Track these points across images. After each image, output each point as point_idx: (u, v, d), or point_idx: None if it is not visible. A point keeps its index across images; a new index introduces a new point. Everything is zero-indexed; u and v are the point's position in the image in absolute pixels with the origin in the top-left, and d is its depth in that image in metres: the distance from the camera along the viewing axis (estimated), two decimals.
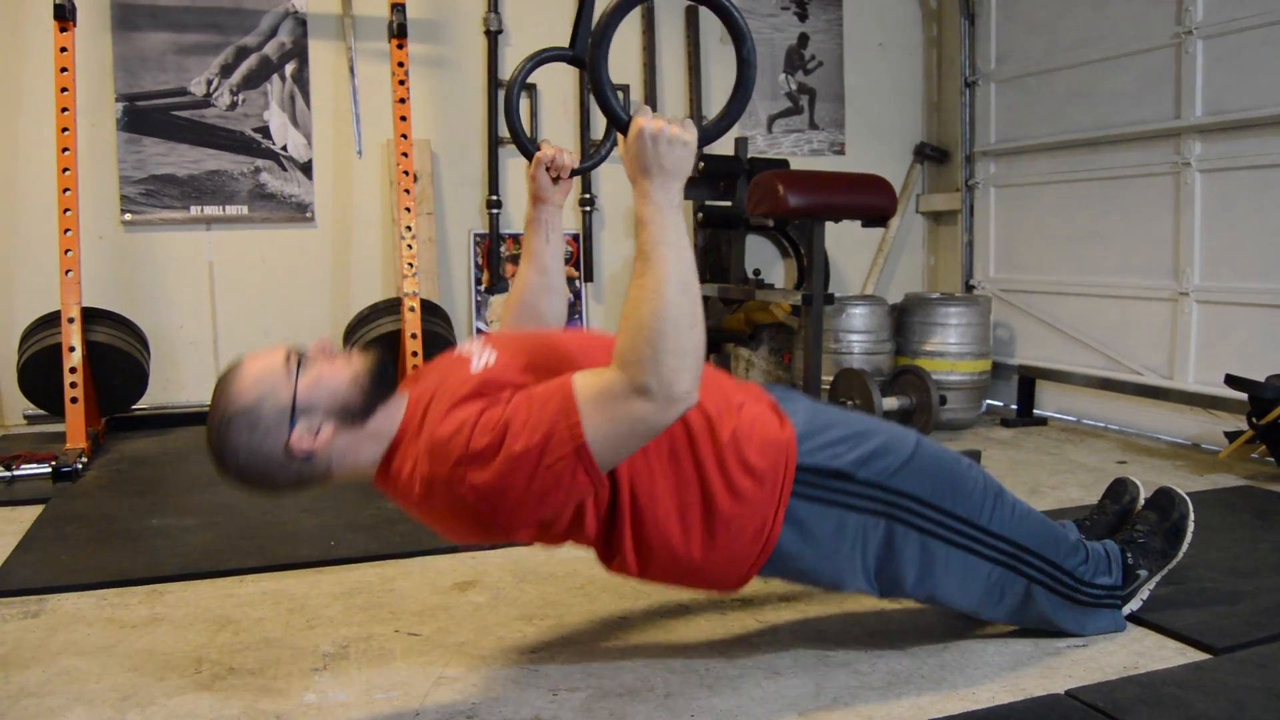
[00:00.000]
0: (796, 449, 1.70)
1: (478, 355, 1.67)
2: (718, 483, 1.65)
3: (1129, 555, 2.00)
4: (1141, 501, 2.17)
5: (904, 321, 4.45)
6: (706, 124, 1.57)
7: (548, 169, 1.97)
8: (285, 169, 4.60)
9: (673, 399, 1.44)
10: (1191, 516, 2.03)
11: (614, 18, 1.48)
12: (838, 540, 1.73)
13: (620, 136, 1.52)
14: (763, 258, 5.26)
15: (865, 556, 1.76)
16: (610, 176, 4.96)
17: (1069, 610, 1.93)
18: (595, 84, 1.51)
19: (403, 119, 4.25)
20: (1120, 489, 2.22)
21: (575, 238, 4.99)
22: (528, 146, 2.02)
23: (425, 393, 1.62)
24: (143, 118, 4.40)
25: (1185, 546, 2.02)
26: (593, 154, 2.11)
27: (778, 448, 1.69)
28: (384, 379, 1.61)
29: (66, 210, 3.76)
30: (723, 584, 1.77)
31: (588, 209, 4.97)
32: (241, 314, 4.58)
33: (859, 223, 4.23)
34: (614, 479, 1.59)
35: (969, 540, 1.80)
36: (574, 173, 1.99)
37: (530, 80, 4.99)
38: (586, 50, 1.57)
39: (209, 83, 4.48)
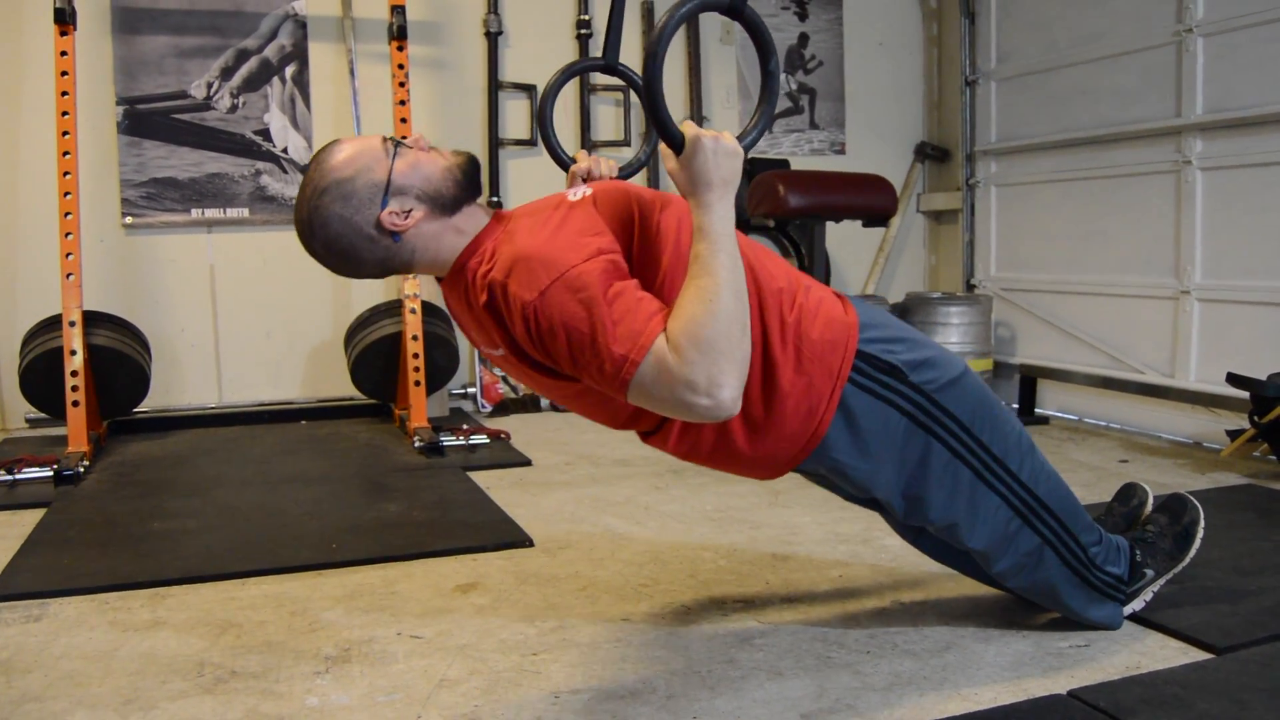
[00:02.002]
0: (859, 334, 1.73)
1: (573, 192, 1.69)
2: (781, 354, 1.67)
3: (1138, 553, 2.00)
4: (1150, 506, 2.18)
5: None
6: (744, 135, 1.60)
7: (584, 180, 1.96)
8: (286, 171, 4.60)
9: (716, 402, 1.44)
10: (1202, 523, 2.04)
11: (668, 31, 1.49)
12: (881, 438, 1.75)
13: (664, 149, 1.53)
14: None
15: (902, 465, 1.77)
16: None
17: (1076, 587, 1.93)
18: (650, 99, 1.52)
19: (403, 121, 4.25)
20: (1129, 493, 2.22)
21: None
22: (564, 159, 2.04)
23: (516, 212, 1.67)
24: (143, 121, 4.40)
25: (1193, 551, 2.02)
26: (630, 163, 2.11)
27: (841, 328, 1.72)
28: (475, 178, 1.64)
29: (67, 214, 3.76)
30: (768, 466, 1.78)
31: None
32: (243, 317, 4.59)
33: (860, 222, 4.24)
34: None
35: (997, 480, 1.81)
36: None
37: (529, 82, 5.02)
38: (630, 61, 1.58)
39: (209, 86, 4.48)
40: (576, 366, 1.51)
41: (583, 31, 4.89)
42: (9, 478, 3.33)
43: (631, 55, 5.03)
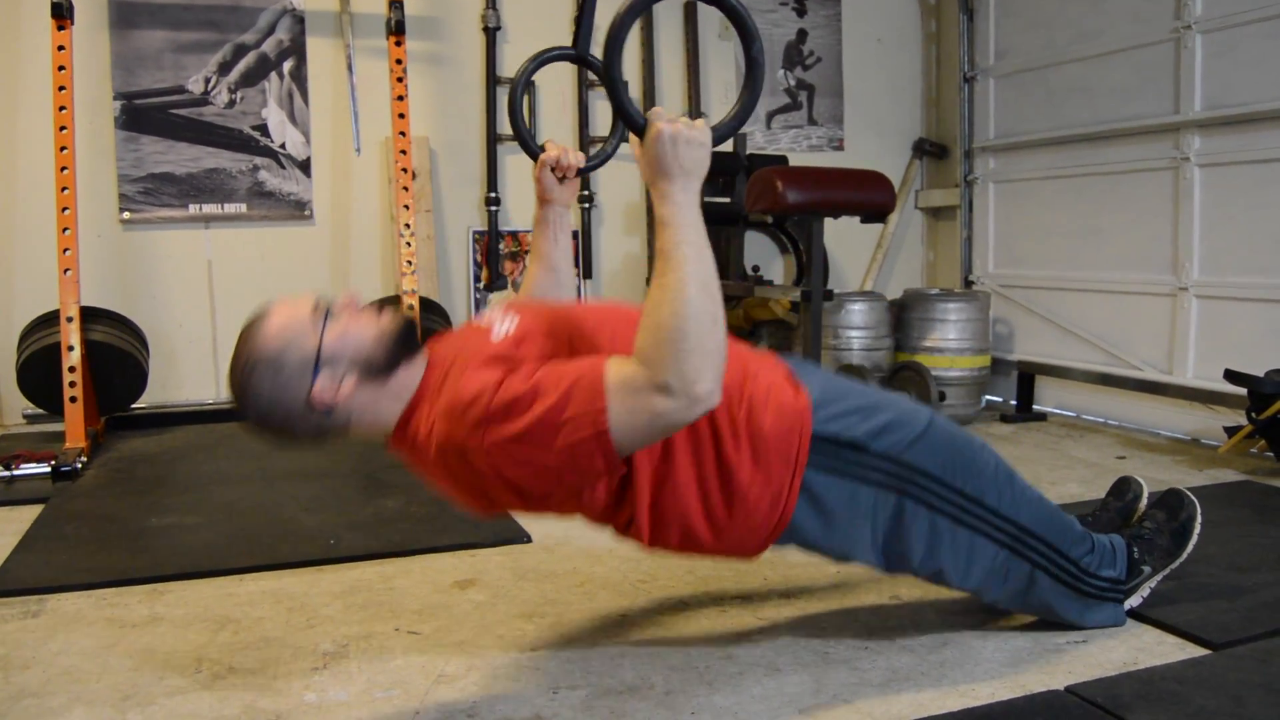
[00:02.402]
0: (811, 417, 1.71)
1: (499, 323, 1.67)
2: (734, 454, 1.65)
3: (1135, 550, 2.00)
4: (1145, 499, 2.18)
5: (903, 317, 4.45)
6: (718, 124, 1.56)
7: (553, 169, 1.96)
8: (284, 167, 4.59)
9: (694, 399, 1.43)
10: (1199, 518, 2.04)
11: (628, 18, 1.47)
12: (850, 512, 1.74)
13: (634, 138, 1.52)
14: (762, 254, 5.25)
15: (875, 529, 1.76)
16: (610, 173, 4.94)
17: (1071, 600, 1.93)
18: (610, 86, 1.51)
19: (401, 116, 4.25)
20: (1124, 486, 2.23)
21: (574, 234, 4.99)
22: (533, 147, 2.01)
23: (446, 356, 1.62)
24: (141, 116, 4.40)
25: (1190, 547, 2.03)
26: (598, 153, 2.10)
27: (793, 415, 1.69)
28: (409, 337, 1.62)
29: (65, 209, 3.76)
30: (738, 554, 1.78)
31: (587, 205, 4.97)
32: (240, 312, 4.51)
33: (858, 219, 4.23)
34: (637, 460, 1.60)
35: (977, 520, 1.80)
36: (580, 172, 1.99)
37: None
38: (600, 50, 1.57)
39: (207, 81, 4.47)
40: (559, 464, 1.49)
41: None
42: (7, 473, 3.33)
43: (630, 55, 5.02)
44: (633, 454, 1.58)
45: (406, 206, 4.24)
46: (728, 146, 4.83)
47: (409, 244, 4.22)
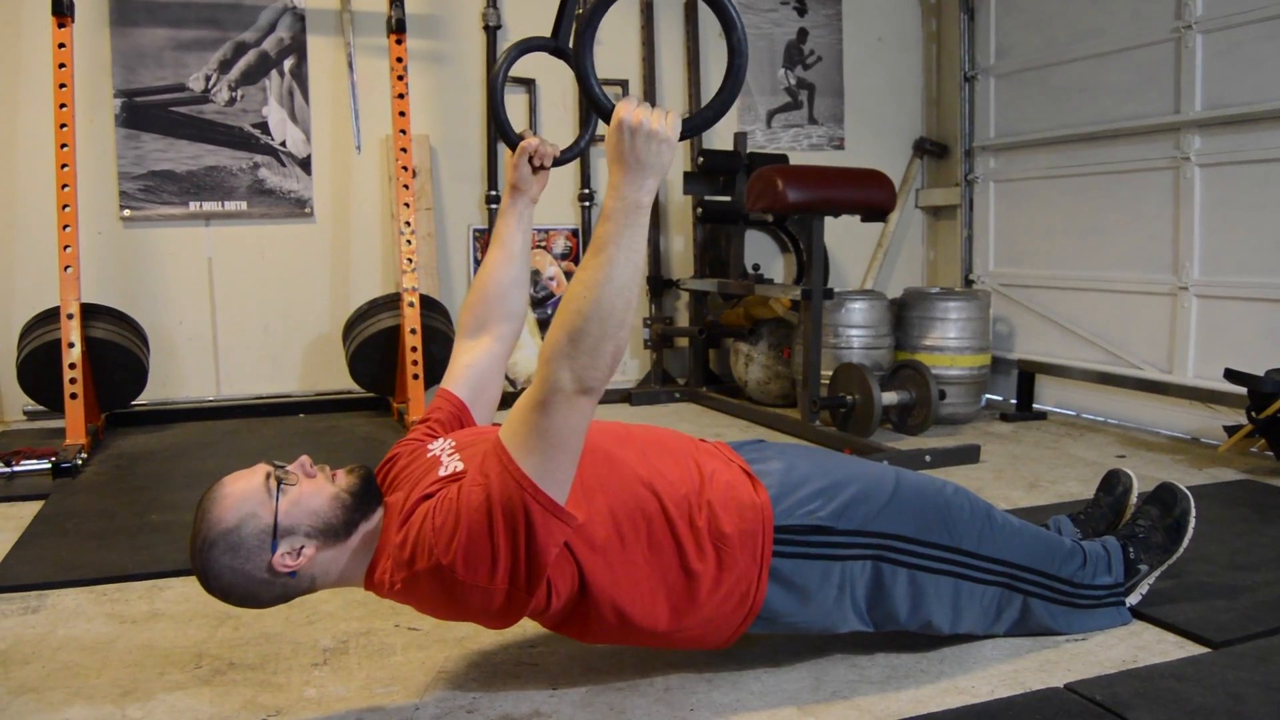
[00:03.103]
0: (772, 511, 1.69)
1: (445, 461, 1.66)
2: (698, 562, 1.64)
3: (1130, 550, 2.00)
4: (1135, 492, 2.18)
5: (903, 316, 4.45)
6: (691, 116, 1.52)
7: (530, 159, 1.95)
8: (284, 165, 4.59)
9: (586, 391, 1.43)
10: (1193, 513, 2.04)
11: (600, 6, 1.47)
12: (824, 590, 1.72)
13: (605, 124, 1.50)
14: (762, 253, 5.25)
15: (854, 599, 1.75)
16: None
17: (1070, 615, 1.94)
18: (579, 70, 1.49)
19: (401, 114, 4.25)
20: (1113, 480, 2.22)
21: (574, 232, 4.99)
22: (512, 136, 2.00)
23: (401, 501, 1.61)
24: (141, 114, 4.40)
25: (1186, 542, 2.02)
26: (573, 144, 2.09)
27: (754, 513, 1.68)
28: (365, 497, 1.60)
29: (65, 206, 3.76)
30: (717, 641, 1.75)
31: (587, 204, 4.97)
32: (240, 310, 4.58)
33: (858, 218, 4.24)
34: (593, 579, 1.58)
35: (960, 568, 1.81)
36: (556, 162, 1.97)
37: (529, 75, 5.01)
38: (570, 39, 1.55)
39: (207, 78, 4.47)
40: (513, 543, 1.48)
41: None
42: (7, 470, 3.33)
43: (630, 54, 5.03)
44: (593, 563, 1.57)
45: (407, 204, 4.25)
46: (728, 145, 4.84)
47: (409, 242, 4.22)
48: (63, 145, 3.77)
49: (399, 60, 4.27)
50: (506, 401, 4.42)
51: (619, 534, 1.60)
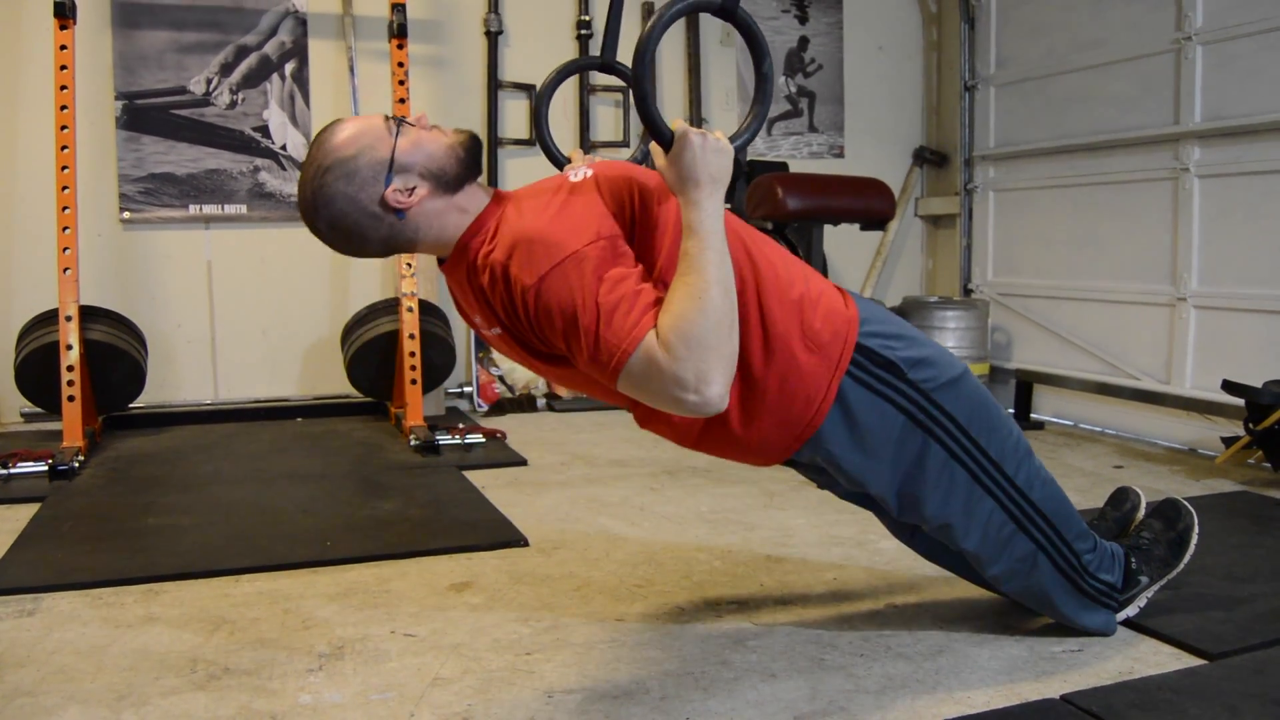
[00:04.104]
0: (858, 328, 1.73)
1: (575, 172, 1.69)
2: (780, 341, 1.67)
3: (1133, 559, 2.00)
4: (1142, 510, 2.18)
5: None
6: (735, 135, 1.62)
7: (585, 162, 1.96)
8: (284, 168, 4.60)
9: (703, 399, 1.45)
10: (1196, 529, 2.04)
11: (657, 31, 1.51)
12: (878, 435, 1.75)
13: (655, 147, 1.55)
14: None
15: (897, 463, 1.77)
16: None
17: (1069, 595, 1.93)
18: (640, 96, 1.54)
19: None
20: (1121, 497, 2.23)
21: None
22: (559, 158, 2.05)
23: (512, 193, 1.67)
24: (142, 116, 4.40)
25: (1188, 557, 2.03)
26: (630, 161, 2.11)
27: (842, 320, 1.72)
28: (478, 157, 1.65)
29: (65, 208, 3.76)
30: (761, 452, 1.78)
31: None
32: (239, 313, 4.58)
33: (858, 226, 4.24)
34: None
35: (992, 482, 1.81)
36: None
37: (528, 81, 5.02)
38: (629, 61, 1.60)
39: (209, 81, 4.48)
40: (570, 350, 1.53)
41: (583, 32, 4.89)
42: (4, 472, 3.33)
43: (629, 57, 5.03)
44: None
45: None
46: None
47: None
48: (63, 147, 3.77)
49: (400, 65, 4.27)
50: (503, 407, 4.32)
51: None
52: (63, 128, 3.77)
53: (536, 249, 1.51)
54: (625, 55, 2.13)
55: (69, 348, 3.73)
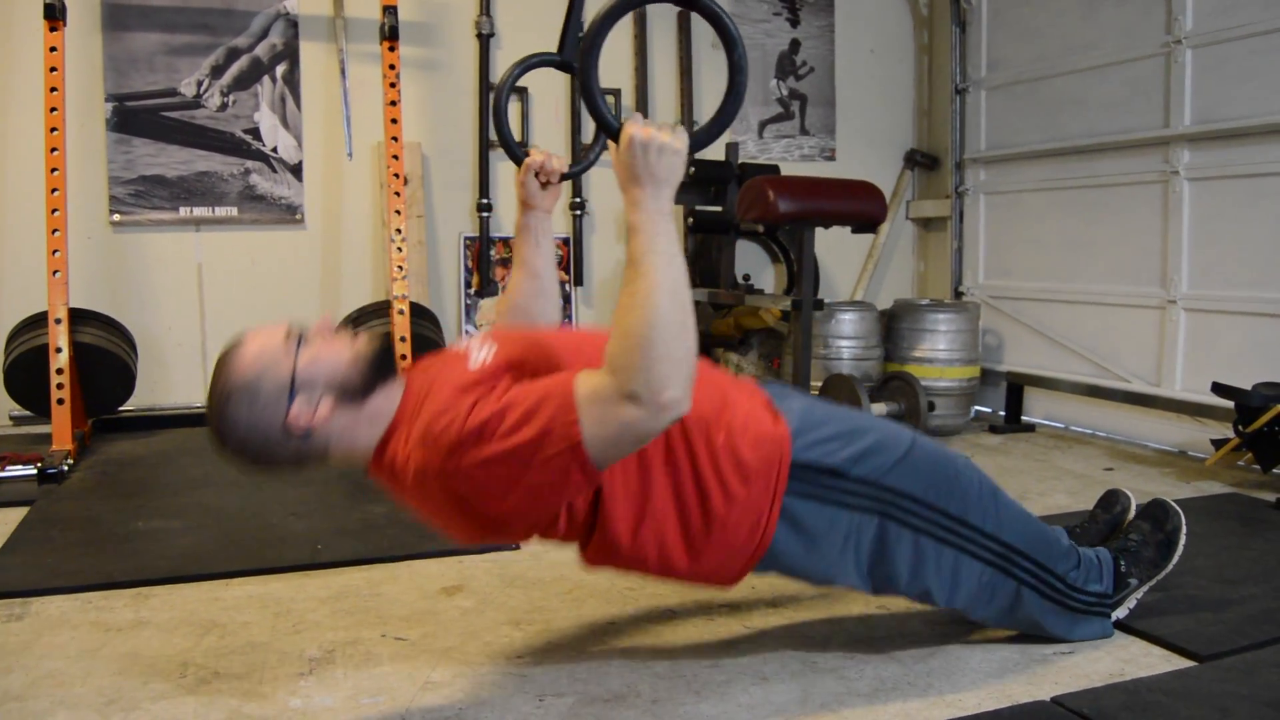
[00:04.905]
0: (790, 445, 1.70)
1: (476, 351, 1.67)
2: (713, 482, 1.65)
3: (1122, 563, 2.01)
4: (1133, 513, 2.19)
5: (893, 327, 4.46)
6: (697, 131, 1.55)
7: (537, 174, 1.95)
8: (275, 170, 4.59)
9: (662, 406, 1.42)
10: (1184, 529, 2.05)
11: (604, 24, 1.47)
12: (831, 537, 1.73)
13: (611, 143, 1.52)
14: (753, 263, 5.26)
15: (859, 553, 1.76)
16: (601, 180, 4.95)
17: (1058, 615, 1.94)
18: (586, 90, 1.50)
19: (394, 121, 4.25)
20: (1112, 499, 2.23)
21: (565, 241, 4.99)
22: (517, 152, 2.01)
23: (423, 383, 1.62)
24: (132, 118, 4.39)
25: (1176, 558, 2.03)
26: (581, 159, 2.10)
27: (772, 444, 1.69)
28: (385, 361, 1.61)
29: (54, 210, 3.75)
30: (717, 580, 1.77)
31: (578, 213, 4.97)
32: (230, 316, 4.56)
33: (849, 229, 4.25)
34: (609, 495, 1.59)
35: (962, 540, 1.81)
36: (563, 177, 1.98)
37: (521, 84, 5.00)
38: (576, 55, 1.56)
39: (199, 84, 4.47)
40: (538, 482, 1.47)
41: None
42: None
43: (623, 63, 5.03)
44: (610, 479, 1.58)
45: (398, 212, 4.24)
46: (720, 155, 4.85)
47: (400, 249, 4.22)
48: (53, 149, 3.75)
49: (391, 67, 4.26)
50: None
51: (638, 451, 1.59)
52: (52, 129, 3.76)
53: (447, 436, 1.49)
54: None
55: (58, 350, 3.71)
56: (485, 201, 4.79)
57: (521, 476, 1.47)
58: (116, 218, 4.39)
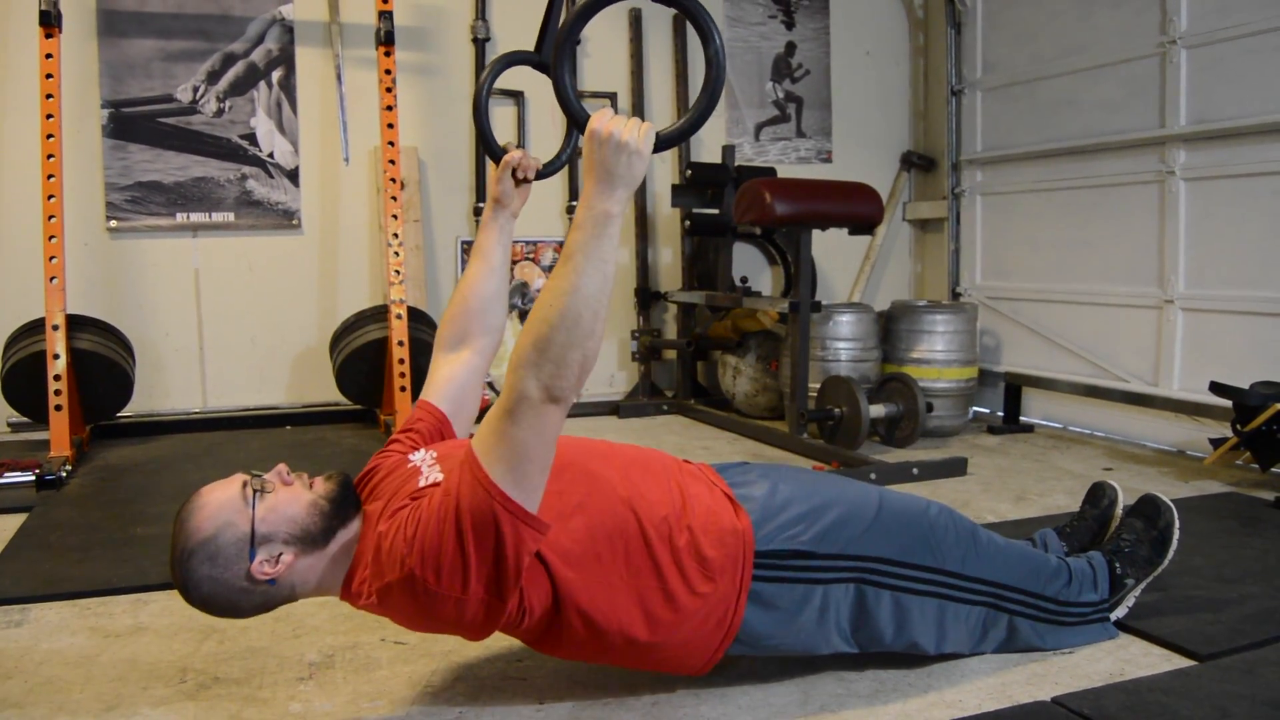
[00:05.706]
0: (753, 537, 1.69)
1: (425, 471, 1.66)
2: (679, 584, 1.64)
3: (1117, 565, 2.01)
4: (1120, 504, 2.18)
5: (891, 329, 4.46)
6: (665, 129, 1.51)
7: (514, 172, 1.95)
8: (272, 176, 4.59)
9: (554, 399, 1.41)
10: (1178, 524, 2.04)
11: (579, 20, 1.47)
12: (805, 612, 1.72)
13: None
14: (750, 265, 5.26)
15: (838, 621, 1.75)
16: None
17: (1056, 632, 1.95)
18: (555, 82, 1.50)
19: (390, 126, 4.25)
20: (1099, 493, 2.22)
21: (562, 245, 4.99)
22: (495, 149, 2.00)
23: (378, 509, 1.61)
24: (129, 124, 4.38)
25: (1171, 554, 2.03)
26: (555, 157, 2.09)
27: (735, 539, 1.68)
28: (344, 504, 1.60)
29: (51, 217, 3.74)
30: (687, 669, 1.75)
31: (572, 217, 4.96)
32: (227, 321, 4.57)
33: (846, 230, 4.25)
34: (567, 594, 1.57)
35: (944, 589, 1.81)
36: (539, 175, 1.98)
37: (517, 88, 5.01)
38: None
39: (195, 89, 4.47)
40: (485, 551, 1.46)
41: None
42: None
43: (618, 67, 5.04)
44: (575, 595, 1.57)
45: (395, 216, 4.24)
46: (716, 158, 4.85)
47: (397, 253, 4.21)
48: (49, 155, 3.75)
49: (387, 72, 4.27)
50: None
51: (595, 552, 1.59)
52: (49, 136, 3.75)
53: (392, 553, 1.50)
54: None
55: (56, 357, 3.71)
56: (482, 205, 4.80)
57: (461, 546, 1.45)
58: (113, 224, 4.39)
